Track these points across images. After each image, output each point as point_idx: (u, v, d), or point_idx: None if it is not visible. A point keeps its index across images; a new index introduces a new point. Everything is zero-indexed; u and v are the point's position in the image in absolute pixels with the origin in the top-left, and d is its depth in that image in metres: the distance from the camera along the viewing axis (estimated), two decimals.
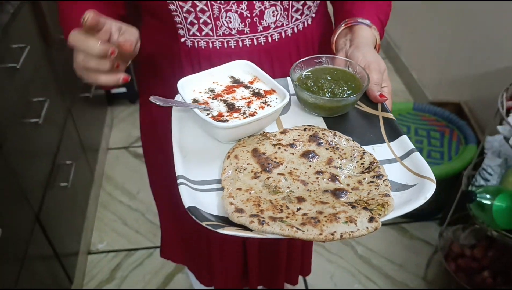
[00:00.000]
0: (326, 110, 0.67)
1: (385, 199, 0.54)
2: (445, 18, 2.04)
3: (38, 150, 1.36)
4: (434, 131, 1.85)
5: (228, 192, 0.56)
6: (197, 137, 0.66)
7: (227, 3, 0.73)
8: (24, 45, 1.26)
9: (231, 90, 0.69)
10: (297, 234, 0.50)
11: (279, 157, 0.62)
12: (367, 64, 0.68)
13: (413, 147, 0.60)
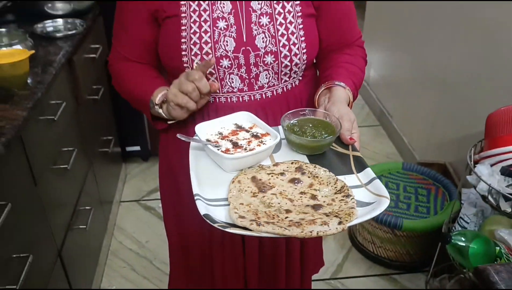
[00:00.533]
0: (308, 149, 0.86)
1: (351, 210, 0.71)
2: (431, 90, 2.27)
3: (64, 193, 1.54)
4: (421, 189, 2.01)
5: (233, 206, 0.74)
6: (209, 168, 0.84)
7: (230, 67, 0.94)
8: (61, 102, 1.48)
9: (235, 133, 0.89)
10: (285, 232, 0.67)
11: (272, 182, 0.80)
12: (340, 115, 0.88)
13: (374, 176, 0.79)
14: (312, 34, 0.98)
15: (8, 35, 1.50)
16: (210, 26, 0.94)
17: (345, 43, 1.04)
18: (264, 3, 0.94)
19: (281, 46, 0.94)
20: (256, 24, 0.94)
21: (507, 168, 1.21)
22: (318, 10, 0.99)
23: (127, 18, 1.01)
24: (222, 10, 0.94)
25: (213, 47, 0.93)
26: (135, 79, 1.04)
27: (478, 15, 1.81)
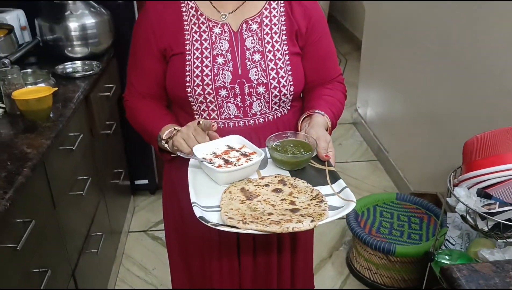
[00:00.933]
0: (289, 165, 1.01)
1: (323, 211, 0.86)
2: (422, 126, 2.41)
3: (79, 218, 1.66)
4: (414, 217, 2.12)
5: (224, 210, 0.88)
6: (204, 181, 1.00)
7: (227, 96, 1.10)
8: (78, 134, 1.63)
9: (227, 152, 1.04)
10: (266, 228, 0.81)
11: (258, 192, 0.94)
12: (318, 137, 1.03)
13: (345, 185, 0.93)
14: (297, 69, 1.14)
15: (33, 75, 1.67)
16: (211, 61, 1.10)
17: (327, 79, 1.21)
18: (257, 42, 1.11)
19: (271, 78, 1.10)
20: (249, 60, 1.10)
21: (482, 190, 1.33)
22: (302, 50, 1.15)
23: (140, 55, 1.17)
24: (221, 48, 1.11)
25: (213, 79, 1.09)
26: (147, 114, 1.19)
27: (460, 58, 1.97)
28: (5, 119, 1.48)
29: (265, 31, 1.12)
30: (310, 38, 1.15)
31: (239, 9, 1.13)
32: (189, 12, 1.13)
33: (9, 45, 1.71)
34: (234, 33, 1.12)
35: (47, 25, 1.92)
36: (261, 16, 1.13)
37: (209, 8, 1.13)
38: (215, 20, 1.12)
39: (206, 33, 1.12)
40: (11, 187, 1.11)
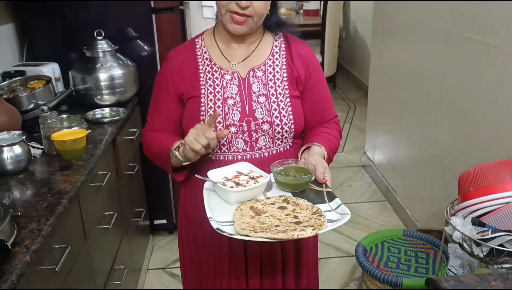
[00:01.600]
0: (291, 187, 1.16)
1: (323, 222, 1.00)
2: (426, 166, 2.54)
3: (105, 250, 1.80)
4: (421, 252, 2.21)
5: (237, 223, 1.03)
6: (218, 202, 1.15)
7: (236, 133, 1.27)
8: (106, 172, 1.80)
9: (237, 176, 1.19)
10: (274, 236, 0.96)
11: (265, 209, 1.10)
12: (316, 163, 1.19)
13: (341, 202, 1.08)
14: (297, 110, 1.31)
15: (68, 120, 1.86)
16: (222, 103, 1.28)
17: (324, 120, 1.38)
18: (262, 87, 1.29)
19: (274, 117, 1.28)
20: (255, 102, 1.28)
21: (476, 219, 1.44)
22: (302, 94, 1.33)
23: (160, 98, 1.36)
24: (231, 92, 1.29)
25: (224, 118, 1.27)
26: (161, 139, 1.35)
27: (457, 101, 2.13)
28: (43, 158, 1.65)
29: (269, 77, 1.31)
30: (308, 84, 1.33)
31: (246, 59, 1.32)
32: (204, 62, 1.32)
33: (47, 94, 1.92)
34: (242, 79, 1.30)
35: (80, 76, 2.14)
36: (266, 65, 1.31)
37: (221, 59, 1.32)
38: (226, 68, 1.31)
39: (218, 79, 1.31)
40: (52, 215, 1.27)
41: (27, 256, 1.10)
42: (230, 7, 1.20)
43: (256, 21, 1.24)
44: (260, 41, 1.34)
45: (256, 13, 1.22)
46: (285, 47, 1.34)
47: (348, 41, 6.40)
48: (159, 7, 2.39)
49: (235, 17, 1.21)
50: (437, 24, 2.29)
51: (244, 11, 1.20)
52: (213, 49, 1.33)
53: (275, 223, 1.03)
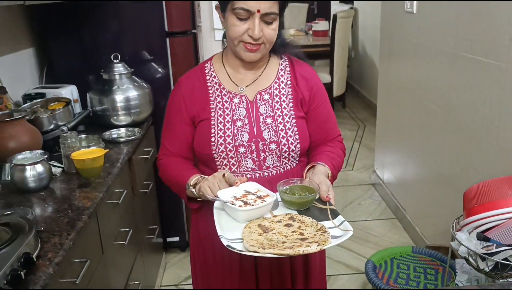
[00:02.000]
0: (297, 205, 1.22)
1: (327, 239, 1.05)
2: (434, 184, 2.58)
3: (121, 265, 1.86)
4: (430, 269, 2.23)
5: (246, 240, 1.08)
6: (227, 220, 1.20)
7: (245, 153, 1.34)
8: (123, 190, 1.87)
9: (245, 196, 1.24)
10: (281, 251, 1.01)
11: (272, 226, 1.15)
12: (320, 182, 1.25)
13: (344, 219, 1.14)
14: (303, 130, 1.38)
15: (86, 139, 1.94)
16: (231, 124, 1.35)
17: (328, 138, 1.44)
18: (268, 109, 1.36)
19: (281, 137, 1.34)
20: (263, 123, 1.35)
21: (481, 233, 1.48)
22: (306, 114, 1.40)
23: (173, 121, 1.42)
24: (239, 114, 1.36)
25: (233, 139, 1.33)
26: (178, 168, 1.41)
27: (462, 119, 2.18)
28: (63, 176, 1.73)
29: (275, 100, 1.38)
30: (312, 105, 1.40)
31: (254, 83, 1.39)
32: (213, 86, 1.40)
33: (67, 115, 2.00)
34: (250, 102, 1.37)
35: (97, 97, 2.23)
36: (272, 88, 1.39)
37: (229, 83, 1.39)
38: (235, 92, 1.38)
39: (227, 103, 1.38)
40: (73, 230, 1.34)
41: (50, 268, 1.16)
42: (243, 38, 1.27)
43: (268, 47, 1.32)
44: (266, 65, 1.41)
45: (268, 41, 1.29)
46: (290, 70, 1.42)
47: (357, 61, 6.49)
48: (173, 31, 2.49)
49: (248, 46, 1.28)
50: (441, 45, 2.35)
51: (257, 41, 1.27)
52: (222, 74, 1.40)
53: (282, 239, 1.08)
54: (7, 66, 2.20)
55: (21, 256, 1.10)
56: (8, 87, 2.07)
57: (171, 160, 1.43)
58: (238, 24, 1.26)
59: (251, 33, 1.25)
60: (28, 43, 2.44)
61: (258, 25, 1.24)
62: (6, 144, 1.68)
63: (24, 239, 1.16)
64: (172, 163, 1.43)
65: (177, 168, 1.41)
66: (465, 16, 2.09)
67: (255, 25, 1.24)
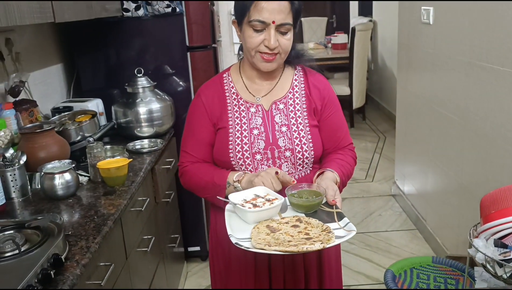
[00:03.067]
0: (304, 208, 1.26)
1: (330, 238, 1.11)
2: (454, 195, 2.57)
3: (143, 271, 1.91)
4: (450, 279, 2.22)
5: (254, 239, 1.14)
6: (237, 221, 1.26)
7: (261, 160, 1.39)
8: (146, 198, 1.93)
9: (255, 199, 1.29)
10: (287, 248, 1.06)
11: (280, 227, 1.20)
12: (327, 187, 1.29)
13: (348, 221, 1.18)
14: (316, 138, 1.42)
15: (111, 150, 2.03)
16: (248, 133, 1.40)
17: (339, 147, 1.49)
18: (284, 118, 1.41)
19: (296, 145, 1.39)
20: (278, 131, 1.40)
21: (498, 240, 1.49)
22: (319, 123, 1.45)
23: (197, 128, 1.47)
24: (256, 123, 1.41)
25: (250, 146, 1.38)
26: (209, 171, 1.44)
27: (479, 128, 2.19)
28: (89, 185, 1.81)
29: (290, 109, 1.43)
30: (324, 114, 1.45)
31: (269, 93, 1.45)
32: (231, 96, 1.45)
33: (93, 127, 2.09)
34: (266, 111, 1.43)
35: (121, 110, 2.32)
36: (287, 98, 1.44)
37: (246, 93, 1.45)
38: (251, 102, 1.44)
39: (244, 112, 1.43)
40: (98, 234, 1.40)
41: (77, 269, 1.22)
42: (259, 48, 1.34)
43: (283, 57, 1.38)
44: (281, 75, 1.47)
45: (283, 50, 1.35)
46: (304, 80, 1.47)
47: (377, 73, 6.50)
48: (194, 46, 2.58)
49: (264, 56, 1.34)
50: (457, 55, 2.37)
51: (273, 51, 1.33)
52: (239, 84, 1.46)
53: (288, 239, 1.13)
54: (37, 81, 2.31)
55: (50, 257, 1.17)
56: (38, 100, 2.17)
57: (198, 165, 1.47)
58: (254, 35, 1.32)
59: (267, 43, 1.31)
60: (57, 59, 2.56)
61: (273, 36, 1.30)
62: (36, 154, 1.77)
63: (54, 241, 1.22)
64: (202, 167, 1.46)
65: (209, 171, 1.44)
66: (480, 26, 2.11)
67: (271, 35, 1.30)
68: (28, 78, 2.06)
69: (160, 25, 2.53)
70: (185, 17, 2.52)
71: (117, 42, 2.56)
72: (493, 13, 2.00)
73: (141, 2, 2.46)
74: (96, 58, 2.58)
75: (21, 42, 2.19)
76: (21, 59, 2.09)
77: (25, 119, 1.97)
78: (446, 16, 2.51)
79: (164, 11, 2.46)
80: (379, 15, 6.27)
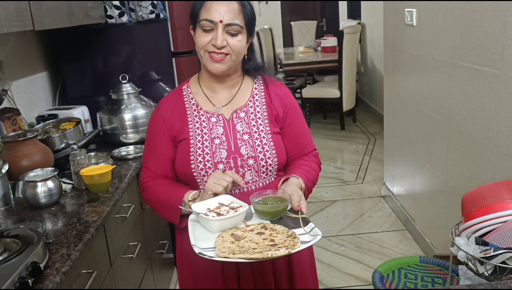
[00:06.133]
0: (269, 215, 1.26)
1: (296, 243, 1.10)
2: (442, 195, 2.59)
3: (130, 278, 1.91)
4: (437, 278, 2.23)
5: (218, 248, 1.12)
6: (201, 231, 1.24)
7: (224, 169, 1.37)
8: (130, 204, 1.93)
9: (218, 207, 1.27)
10: (251, 256, 1.05)
11: (245, 235, 1.18)
12: (292, 192, 1.30)
13: (314, 226, 1.19)
14: (279, 145, 1.42)
15: (95, 157, 2.03)
16: (209, 143, 1.40)
17: (303, 153, 1.49)
18: (245, 126, 1.42)
19: (258, 152, 1.39)
20: (240, 140, 1.40)
21: (479, 238, 1.50)
22: (281, 130, 1.45)
23: (156, 143, 1.45)
24: (217, 132, 1.41)
25: (212, 156, 1.38)
26: (165, 190, 1.42)
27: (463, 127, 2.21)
28: (73, 192, 1.80)
29: (251, 117, 1.43)
30: (286, 121, 1.45)
31: (230, 102, 1.44)
32: (191, 107, 1.45)
33: (77, 134, 2.09)
34: (227, 120, 1.43)
35: (106, 117, 2.32)
36: (247, 106, 1.44)
37: (207, 103, 1.45)
38: (212, 112, 1.43)
39: (205, 122, 1.43)
40: (80, 241, 1.40)
41: (57, 277, 1.22)
42: (207, 48, 1.33)
43: (234, 59, 1.37)
44: (240, 85, 1.47)
45: (233, 51, 1.35)
46: (264, 88, 1.47)
47: (366, 75, 6.53)
48: (179, 51, 2.59)
49: (213, 56, 1.34)
50: (440, 55, 2.39)
51: (221, 50, 1.33)
52: (199, 95, 1.46)
53: (253, 246, 1.12)
54: (22, 89, 2.30)
55: (29, 265, 1.16)
56: (22, 109, 2.17)
57: (157, 182, 1.45)
58: (203, 35, 1.33)
59: (214, 42, 1.32)
60: (42, 67, 2.56)
61: (221, 35, 1.31)
62: (19, 163, 1.77)
63: (33, 249, 1.22)
64: (161, 185, 1.43)
65: (166, 190, 1.42)
66: (461, 26, 2.13)
67: (218, 34, 1.31)
68: (11, 86, 2.06)
69: (145, 31, 2.54)
70: (169, 22, 2.53)
71: (102, 49, 2.56)
72: (472, 13, 2.02)
73: (124, 8, 2.46)
74: (81, 65, 2.58)
75: (4, 50, 2.18)
76: (4, 67, 2.09)
77: (8, 128, 1.97)
78: (428, 18, 2.53)
79: (148, 17, 2.47)
80: (367, 17, 6.31)
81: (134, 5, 2.46)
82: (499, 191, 1.50)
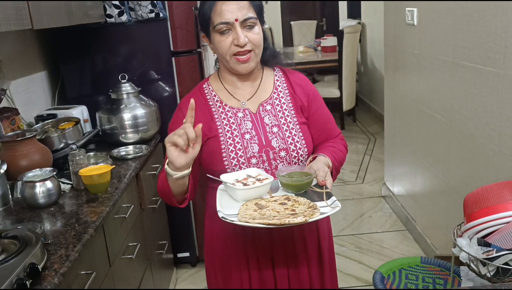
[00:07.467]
0: (294, 188, 1.28)
1: (314, 212, 1.14)
2: (442, 195, 2.57)
3: (129, 279, 1.89)
4: (438, 279, 2.22)
5: (240, 214, 1.17)
6: (228, 199, 1.29)
7: (257, 163, 1.37)
8: (130, 205, 1.92)
9: (246, 179, 1.30)
10: (271, 221, 1.10)
11: (268, 205, 1.22)
12: (318, 168, 1.30)
13: (335, 199, 1.21)
14: (307, 134, 1.43)
15: (94, 157, 2.01)
16: (240, 138, 1.39)
17: (329, 138, 1.50)
18: (273, 118, 1.41)
19: (289, 144, 1.39)
20: (270, 133, 1.39)
21: (482, 239, 1.48)
22: (308, 119, 1.45)
23: None
24: (246, 127, 1.40)
25: (244, 151, 1.37)
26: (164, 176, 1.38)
27: (464, 127, 2.19)
28: (72, 192, 1.79)
29: (277, 109, 1.42)
30: (312, 109, 1.46)
31: (254, 96, 1.44)
32: (215, 104, 1.44)
33: (76, 134, 2.08)
34: (254, 114, 1.42)
35: (106, 116, 2.30)
36: (272, 98, 1.44)
37: (230, 99, 1.44)
38: (237, 107, 1.43)
39: (232, 118, 1.42)
40: (79, 242, 1.39)
41: (55, 278, 1.21)
42: (232, 50, 1.33)
43: (258, 53, 1.38)
44: (261, 77, 1.47)
45: (255, 45, 1.35)
46: (285, 79, 1.48)
47: (366, 75, 6.52)
48: (178, 51, 2.57)
49: (239, 58, 1.34)
50: (441, 55, 2.38)
51: (245, 48, 1.33)
52: (222, 92, 1.45)
53: (273, 214, 1.17)
54: (21, 89, 2.29)
55: (27, 267, 1.15)
56: (21, 109, 2.15)
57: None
58: (223, 39, 1.32)
59: (236, 42, 1.31)
60: (41, 67, 2.54)
61: (241, 32, 1.31)
62: (17, 163, 1.75)
63: (31, 250, 1.21)
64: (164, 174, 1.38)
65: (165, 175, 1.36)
66: (462, 25, 2.12)
67: (238, 33, 1.31)
68: (10, 85, 2.04)
69: (144, 31, 2.52)
70: (169, 22, 2.52)
71: (102, 48, 2.54)
72: (474, 12, 2.00)
73: (124, 8, 2.45)
74: (80, 65, 2.56)
75: (3, 50, 2.17)
76: (2, 66, 2.07)
77: (7, 128, 1.95)
78: (429, 17, 2.52)
79: (147, 16, 2.45)
80: (367, 17, 6.29)
81: (133, 4, 2.45)
82: (502, 191, 1.48)
